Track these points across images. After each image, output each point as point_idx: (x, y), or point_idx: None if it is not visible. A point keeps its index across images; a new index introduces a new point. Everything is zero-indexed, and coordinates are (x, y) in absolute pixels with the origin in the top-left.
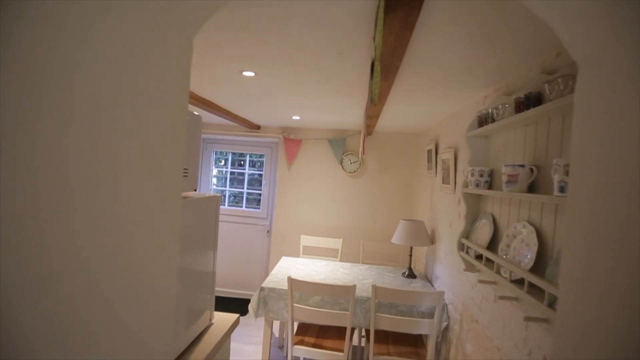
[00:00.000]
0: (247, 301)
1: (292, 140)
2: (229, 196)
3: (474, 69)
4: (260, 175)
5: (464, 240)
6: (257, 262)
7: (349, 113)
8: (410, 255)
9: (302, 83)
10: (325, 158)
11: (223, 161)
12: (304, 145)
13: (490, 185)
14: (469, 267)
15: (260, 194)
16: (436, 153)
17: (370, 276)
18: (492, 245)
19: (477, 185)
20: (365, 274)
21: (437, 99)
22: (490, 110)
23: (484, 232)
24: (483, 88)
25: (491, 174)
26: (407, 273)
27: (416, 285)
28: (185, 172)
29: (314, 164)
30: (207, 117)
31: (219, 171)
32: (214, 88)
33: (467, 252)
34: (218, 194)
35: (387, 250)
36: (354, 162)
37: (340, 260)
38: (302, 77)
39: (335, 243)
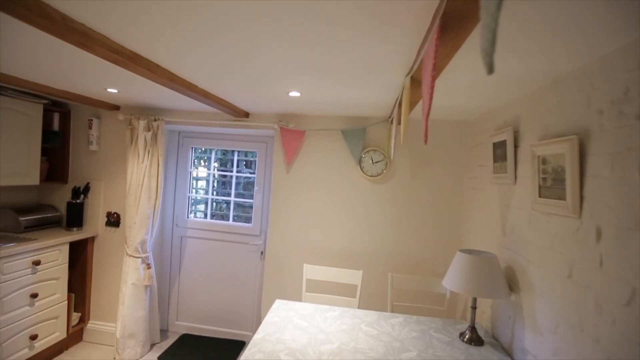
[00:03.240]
0: (236, 344)
1: (291, 132)
2: (216, 206)
3: None
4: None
5: None
6: (249, 293)
7: (378, 82)
8: (475, 308)
9: None
10: (338, 156)
11: (217, 162)
12: (308, 139)
13: None
14: None
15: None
16: (515, 147)
17: (410, 342)
18: None
19: None
20: (403, 338)
21: (567, 31)
22: None
23: None
24: None
25: None
26: (468, 335)
27: None
28: None
29: (322, 163)
30: (174, 99)
31: (208, 173)
32: (128, 18)
33: None
34: None
35: (426, 287)
36: (377, 162)
37: (360, 306)
38: None
39: (353, 277)
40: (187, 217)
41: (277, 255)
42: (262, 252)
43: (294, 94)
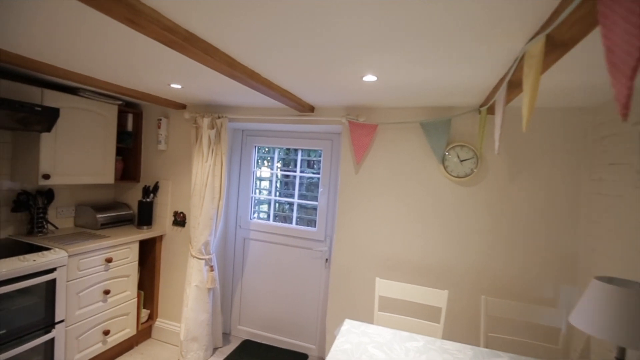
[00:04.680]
0: (298, 357)
1: (362, 126)
2: (278, 207)
3: None
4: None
5: None
6: (312, 303)
7: (482, 52)
8: (620, 359)
9: None
10: (416, 153)
11: (280, 162)
12: (380, 134)
13: None
14: None
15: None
16: None
17: None
18: None
19: None
20: None
21: None
22: None
23: None
24: None
25: None
26: None
27: None
28: None
29: (396, 162)
30: (237, 92)
31: (271, 173)
32: None
33: None
34: None
35: (531, 318)
36: (465, 160)
37: (444, 334)
38: None
39: (437, 297)
40: (250, 218)
41: (344, 265)
42: (326, 260)
43: (369, 78)
